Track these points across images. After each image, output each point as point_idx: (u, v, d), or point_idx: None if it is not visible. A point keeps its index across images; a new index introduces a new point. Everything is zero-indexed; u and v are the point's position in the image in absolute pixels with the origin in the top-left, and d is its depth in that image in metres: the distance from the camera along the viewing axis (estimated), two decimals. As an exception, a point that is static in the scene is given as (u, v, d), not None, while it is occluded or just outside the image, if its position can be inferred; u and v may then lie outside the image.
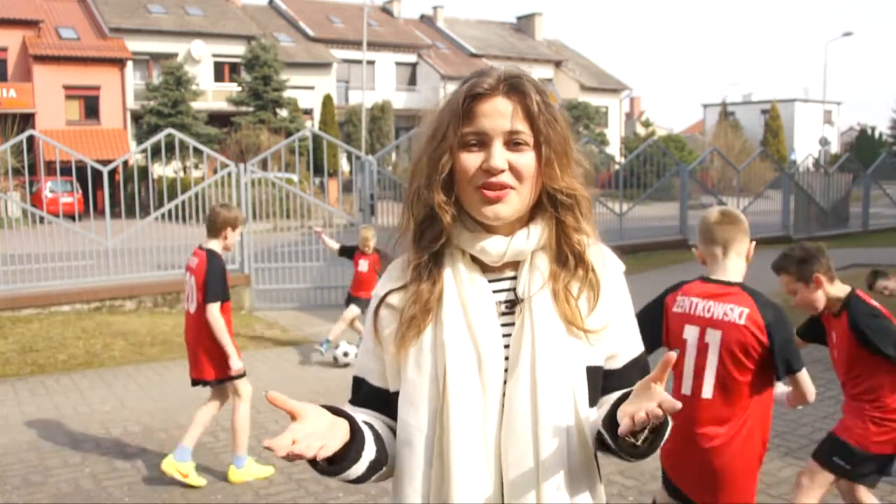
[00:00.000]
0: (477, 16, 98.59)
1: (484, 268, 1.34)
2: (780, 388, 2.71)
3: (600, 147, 18.35)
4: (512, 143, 1.28)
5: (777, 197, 16.77)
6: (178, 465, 4.30)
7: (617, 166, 16.04)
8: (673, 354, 1.13)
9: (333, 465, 1.22)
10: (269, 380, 6.45)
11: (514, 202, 1.28)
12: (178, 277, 9.74)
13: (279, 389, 5.34)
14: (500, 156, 1.26)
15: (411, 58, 40.75)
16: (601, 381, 1.35)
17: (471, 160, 1.27)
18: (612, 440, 1.23)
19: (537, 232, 1.32)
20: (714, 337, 2.48)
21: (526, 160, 1.27)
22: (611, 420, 1.23)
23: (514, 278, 1.34)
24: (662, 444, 1.22)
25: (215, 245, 4.41)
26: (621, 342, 1.37)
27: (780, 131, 48.63)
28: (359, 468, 1.26)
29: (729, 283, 2.53)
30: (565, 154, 1.31)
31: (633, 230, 14.37)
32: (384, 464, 1.33)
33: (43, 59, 29.89)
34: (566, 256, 1.33)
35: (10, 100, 29.07)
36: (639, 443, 1.19)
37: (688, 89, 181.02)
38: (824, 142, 38.65)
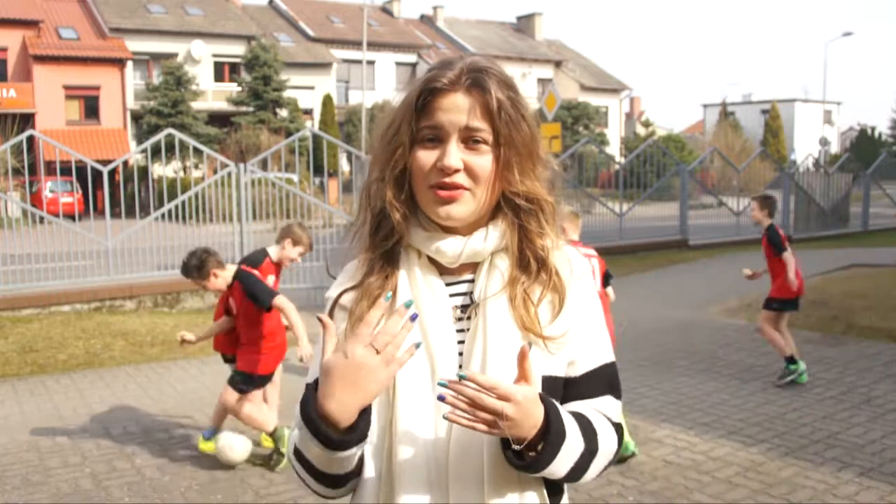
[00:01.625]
0: (477, 16, 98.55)
1: (441, 269, 1.27)
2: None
3: (600, 147, 18.33)
4: (470, 140, 1.20)
5: (777, 197, 16.77)
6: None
7: (617, 166, 16.04)
8: (526, 346, 1.10)
9: (348, 433, 1.12)
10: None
11: (469, 203, 1.21)
12: (178, 277, 9.71)
13: (278, 389, 5.30)
14: (454, 154, 1.19)
15: (411, 58, 40.74)
16: (561, 391, 1.25)
17: (426, 157, 1.20)
18: (504, 454, 1.16)
19: (496, 233, 1.25)
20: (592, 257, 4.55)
21: (482, 161, 1.20)
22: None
23: (472, 281, 1.27)
24: (561, 455, 1.15)
25: (272, 251, 4.81)
26: (581, 349, 1.27)
27: (780, 131, 48.66)
28: (352, 463, 1.17)
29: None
30: (529, 157, 1.23)
31: (633, 230, 14.38)
32: (359, 472, 1.24)
33: (43, 59, 29.89)
34: (528, 260, 1.25)
35: (10, 100, 29.08)
36: (526, 453, 1.13)
37: (688, 89, 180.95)
38: (824, 142, 38.64)
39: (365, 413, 1.13)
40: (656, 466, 4.40)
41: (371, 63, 37.38)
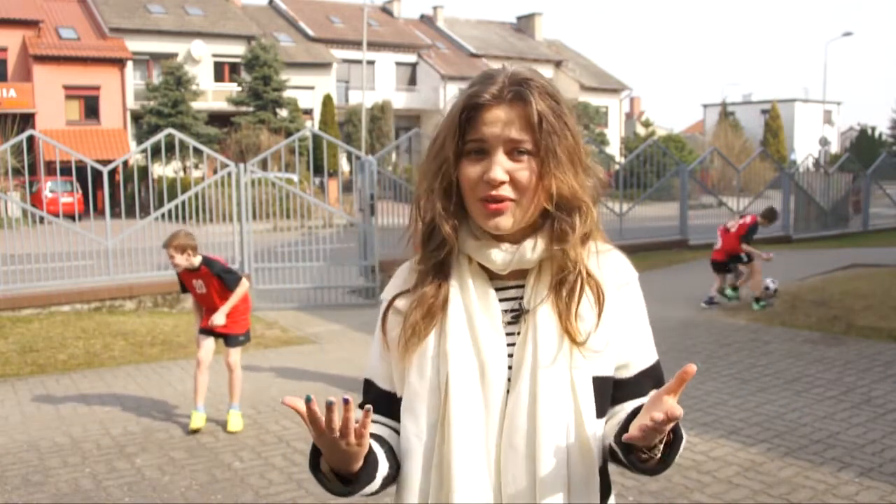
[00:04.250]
0: (477, 16, 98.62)
1: (491, 274, 1.33)
2: None
3: (600, 147, 18.33)
4: (514, 152, 1.24)
5: (777, 197, 16.77)
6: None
7: (617, 166, 16.05)
8: (692, 367, 1.12)
9: (349, 484, 1.25)
10: (268, 380, 6.45)
11: (516, 214, 1.26)
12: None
13: (278, 390, 5.41)
14: (500, 167, 1.24)
15: (411, 58, 40.74)
16: (611, 391, 1.32)
17: (472, 170, 1.26)
18: (624, 456, 1.24)
19: (543, 242, 1.29)
20: None
21: (527, 171, 1.24)
22: (623, 434, 1.24)
23: (521, 286, 1.32)
24: (674, 460, 1.24)
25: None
26: (633, 351, 1.34)
27: (780, 131, 48.67)
28: (373, 486, 1.28)
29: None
30: (571, 164, 1.27)
31: (633, 230, 14.37)
32: (396, 476, 1.34)
33: (43, 59, 29.90)
34: (569, 268, 1.29)
35: (10, 100, 29.08)
36: (653, 456, 1.21)
37: (688, 89, 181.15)
38: (824, 142, 38.64)
39: (367, 464, 1.24)
40: (656, 466, 4.40)
41: (371, 63, 37.37)
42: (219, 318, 5.17)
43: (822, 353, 6.93)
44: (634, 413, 1.24)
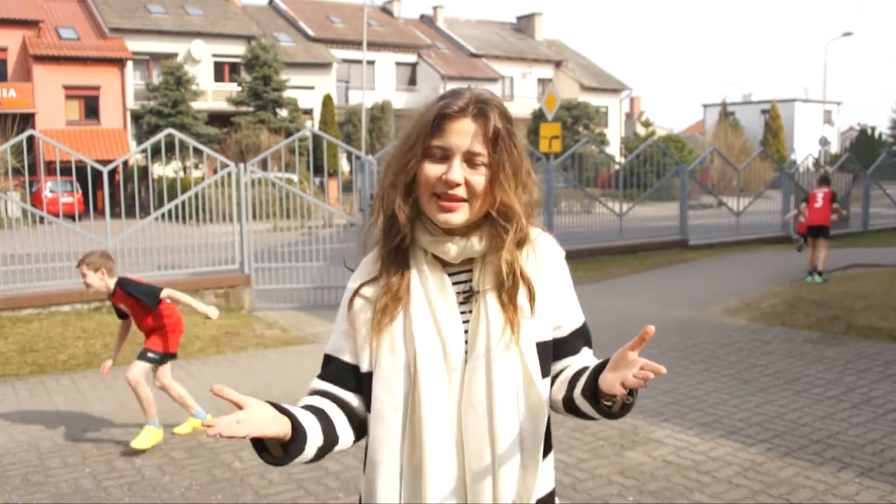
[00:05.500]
0: (477, 16, 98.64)
1: (443, 262, 1.54)
2: None
3: (600, 147, 18.31)
4: (471, 161, 1.45)
5: (777, 197, 16.78)
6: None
7: (617, 166, 16.04)
8: (651, 328, 1.30)
9: (279, 457, 1.39)
10: (269, 380, 6.45)
11: (465, 213, 1.47)
12: (178, 278, 9.75)
13: (278, 390, 5.40)
14: (458, 171, 1.45)
15: (411, 58, 40.74)
16: (551, 351, 1.55)
17: (433, 170, 1.46)
18: (592, 405, 1.45)
19: (487, 236, 1.51)
20: None
21: (480, 179, 1.45)
22: (591, 390, 1.44)
23: (470, 271, 1.54)
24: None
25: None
26: (564, 315, 1.58)
27: (780, 131, 48.69)
28: (306, 456, 1.42)
29: None
30: (514, 179, 1.48)
31: (633, 230, 14.37)
32: (335, 443, 1.50)
33: (43, 59, 29.89)
34: (506, 258, 1.50)
35: (10, 100, 29.08)
36: (616, 402, 1.41)
37: (688, 89, 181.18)
38: (824, 142, 38.63)
39: (296, 440, 1.38)
40: (656, 466, 4.40)
41: (371, 63, 37.38)
42: (212, 311, 4.84)
43: (822, 353, 6.93)
44: (595, 372, 1.43)
